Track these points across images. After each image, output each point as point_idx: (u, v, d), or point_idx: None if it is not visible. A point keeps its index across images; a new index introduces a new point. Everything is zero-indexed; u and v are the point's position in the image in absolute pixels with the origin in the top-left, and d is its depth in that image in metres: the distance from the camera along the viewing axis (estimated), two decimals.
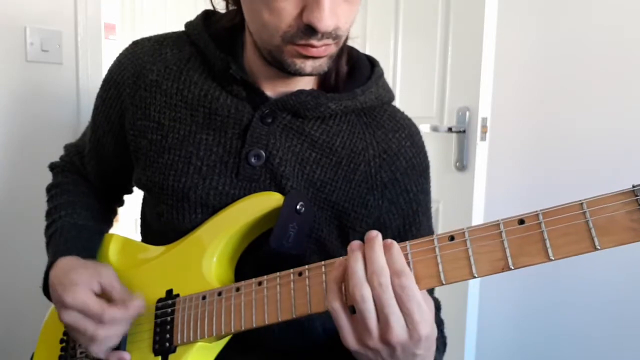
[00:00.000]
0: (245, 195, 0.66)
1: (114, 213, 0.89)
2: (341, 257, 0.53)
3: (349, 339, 0.49)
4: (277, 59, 0.59)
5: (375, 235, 0.50)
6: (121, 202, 0.90)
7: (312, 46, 0.56)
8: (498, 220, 0.48)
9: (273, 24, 0.56)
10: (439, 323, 0.73)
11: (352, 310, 0.50)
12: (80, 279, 0.63)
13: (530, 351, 1.49)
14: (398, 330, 0.46)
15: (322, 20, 0.53)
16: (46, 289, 0.70)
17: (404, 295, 0.46)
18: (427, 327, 0.47)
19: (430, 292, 0.76)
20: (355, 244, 0.51)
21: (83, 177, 0.85)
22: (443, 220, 1.60)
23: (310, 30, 0.55)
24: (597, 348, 1.35)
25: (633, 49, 1.25)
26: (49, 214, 0.80)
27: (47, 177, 0.86)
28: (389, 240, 0.50)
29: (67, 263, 0.67)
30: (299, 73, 0.59)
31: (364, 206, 0.68)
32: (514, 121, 1.48)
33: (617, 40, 1.28)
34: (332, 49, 0.59)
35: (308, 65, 0.59)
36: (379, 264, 0.48)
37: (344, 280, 0.50)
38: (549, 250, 0.45)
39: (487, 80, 1.49)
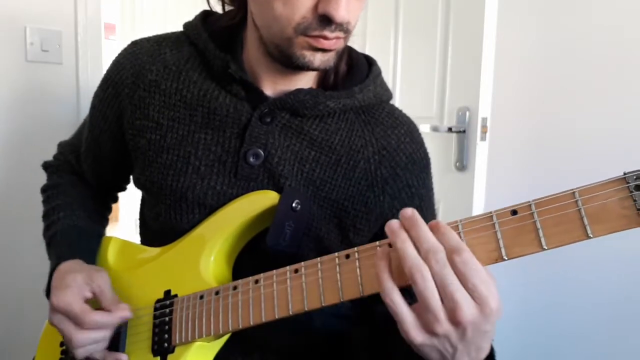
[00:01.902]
0: (243, 195, 0.66)
1: (109, 210, 0.89)
2: (378, 247, 0.50)
3: (413, 330, 0.45)
4: (286, 52, 0.59)
5: (413, 213, 0.47)
6: (115, 199, 0.91)
7: (325, 38, 0.57)
8: (491, 212, 0.48)
9: (286, 16, 0.56)
10: None
11: (409, 301, 0.46)
12: (72, 283, 0.63)
13: (531, 352, 1.49)
14: (467, 307, 0.43)
15: (339, 10, 0.54)
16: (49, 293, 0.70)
17: (468, 271, 0.43)
18: (496, 300, 0.44)
19: None
20: (395, 224, 0.47)
21: (79, 177, 0.85)
22: (443, 220, 1.59)
23: (326, 21, 0.55)
24: (598, 348, 1.35)
25: (633, 49, 1.25)
26: (47, 215, 0.80)
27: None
28: (434, 221, 0.47)
29: (66, 267, 0.68)
30: (307, 66, 0.60)
31: (364, 204, 0.68)
32: (514, 121, 1.48)
33: (617, 40, 1.28)
34: (341, 43, 0.60)
35: (317, 58, 0.59)
36: (432, 241, 0.45)
37: (392, 269, 0.47)
38: (542, 240, 0.45)
39: (487, 80, 1.48)
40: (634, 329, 1.28)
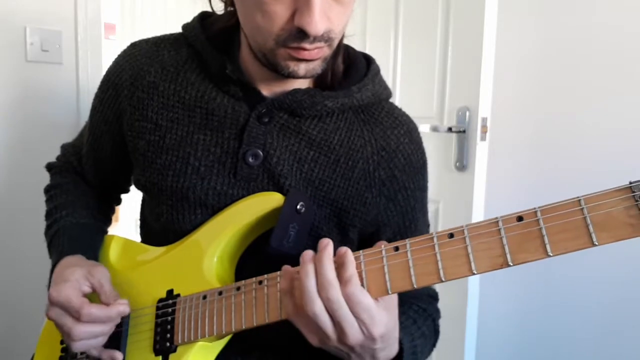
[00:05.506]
0: (244, 195, 0.66)
1: (113, 211, 0.89)
2: (289, 268, 0.56)
3: (311, 339, 0.54)
4: (271, 61, 0.59)
5: (325, 246, 0.53)
6: (119, 201, 0.91)
7: (304, 49, 0.56)
8: (497, 218, 0.48)
9: (266, 28, 0.56)
10: (434, 313, 0.73)
11: None
12: (71, 277, 0.63)
13: (531, 351, 1.49)
14: (353, 334, 0.51)
15: (312, 23, 0.53)
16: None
17: (351, 302, 0.50)
18: (379, 328, 0.51)
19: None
20: (308, 255, 0.53)
21: (81, 177, 0.85)
22: (443, 220, 1.60)
23: (302, 34, 0.55)
24: (597, 348, 1.35)
25: (633, 49, 1.25)
26: (49, 215, 0.80)
27: (47, 177, 0.86)
28: (342, 250, 0.53)
29: (66, 262, 0.68)
30: (293, 76, 0.60)
31: (362, 203, 0.68)
32: (514, 121, 1.48)
33: (617, 39, 1.28)
34: (325, 52, 0.59)
35: (301, 68, 0.59)
36: (327, 278, 0.51)
37: (294, 290, 0.54)
38: (547, 247, 0.46)
39: (487, 80, 1.48)
40: (635, 329, 1.28)
